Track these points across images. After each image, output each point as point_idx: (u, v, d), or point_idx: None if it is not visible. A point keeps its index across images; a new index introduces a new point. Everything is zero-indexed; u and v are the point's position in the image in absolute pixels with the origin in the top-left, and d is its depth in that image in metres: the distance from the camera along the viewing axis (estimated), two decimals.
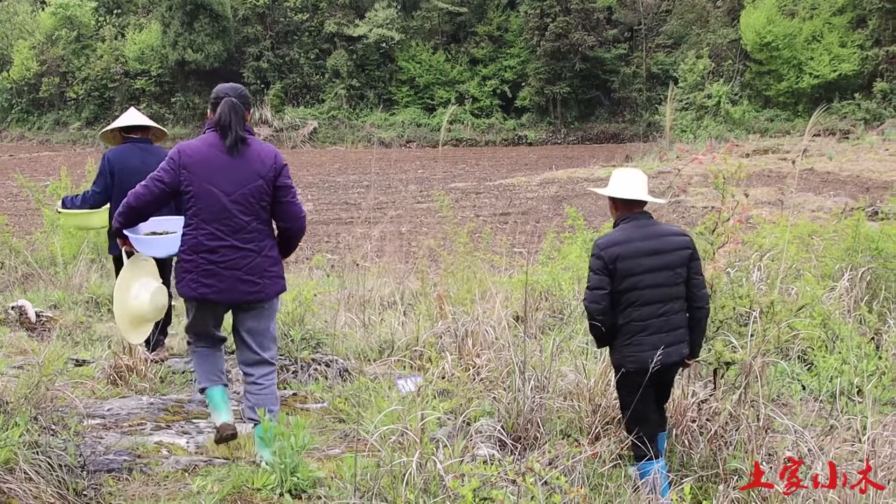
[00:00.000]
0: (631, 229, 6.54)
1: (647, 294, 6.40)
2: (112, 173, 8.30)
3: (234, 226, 6.36)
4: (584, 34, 61.36)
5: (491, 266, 11.82)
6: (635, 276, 6.38)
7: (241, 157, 6.42)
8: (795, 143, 45.69)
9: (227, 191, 6.32)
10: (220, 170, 6.35)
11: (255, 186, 6.41)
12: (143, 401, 7.72)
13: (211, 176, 6.32)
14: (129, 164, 8.28)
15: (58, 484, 5.42)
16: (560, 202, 29.30)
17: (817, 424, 6.78)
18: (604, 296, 6.39)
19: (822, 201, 26.42)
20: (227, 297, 6.41)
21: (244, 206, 6.38)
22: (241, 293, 6.42)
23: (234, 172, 6.38)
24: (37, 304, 12.83)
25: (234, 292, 6.40)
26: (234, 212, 6.35)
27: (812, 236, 11.97)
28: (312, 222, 27.93)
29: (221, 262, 6.33)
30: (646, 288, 6.39)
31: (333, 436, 7.19)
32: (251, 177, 6.41)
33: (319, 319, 10.21)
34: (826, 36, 57.65)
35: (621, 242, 6.45)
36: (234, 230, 6.35)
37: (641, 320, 6.39)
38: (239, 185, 6.36)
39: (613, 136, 62.12)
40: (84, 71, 67.96)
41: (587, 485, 5.64)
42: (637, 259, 6.39)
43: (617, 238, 6.51)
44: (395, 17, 66.12)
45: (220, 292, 6.37)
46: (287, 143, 61.81)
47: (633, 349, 6.39)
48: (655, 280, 6.41)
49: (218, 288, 6.35)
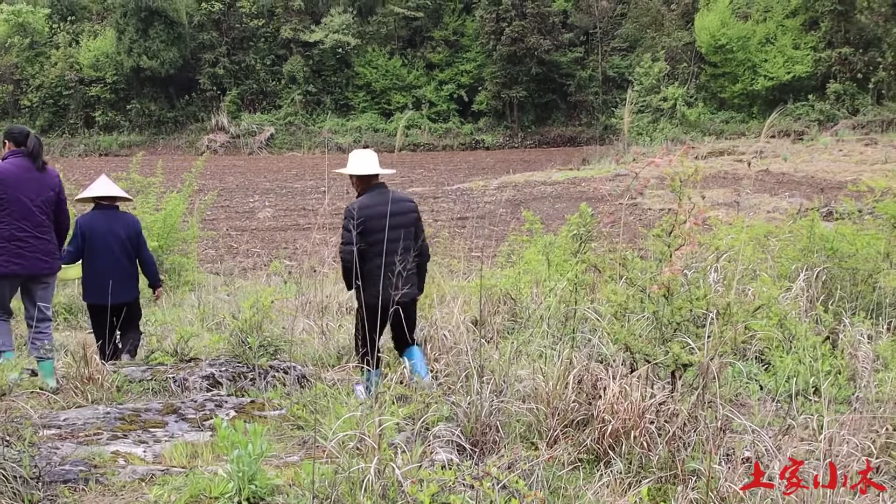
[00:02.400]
0: (374, 196, 8.48)
1: (388, 247, 7.99)
2: (83, 235, 10.05)
3: (36, 222, 8.90)
4: (539, 38, 61.67)
5: (449, 270, 11.82)
6: (379, 233, 8.08)
7: (42, 175, 9.02)
8: (751, 144, 46.11)
9: (31, 198, 8.84)
10: (27, 183, 8.86)
11: (49, 196, 9.02)
12: (100, 410, 7.65)
13: (21, 188, 8.80)
14: (96, 229, 10.08)
15: (13, 496, 5.37)
16: (517, 206, 29.34)
17: (775, 424, 6.81)
18: (351, 248, 8.16)
19: (777, 202, 26.62)
20: (31, 270, 8.92)
21: (42, 208, 8.95)
22: (39, 268, 8.97)
23: (37, 186, 8.94)
24: None
25: (35, 268, 8.94)
26: (36, 212, 8.89)
27: (768, 237, 12.03)
28: (270, 229, 27.88)
29: (27, 247, 8.83)
30: (388, 241, 8.00)
31: (292, 443, 7.16)
32: (47, 189, 9.03)
33: (277, 326, 10.18)
34: (779, 38, 58.30)
35: (369, 206, 8.33)
36: (35, 225, 8.89)
37: (384, 267, 8.01)
38: (40, 194, 8.92)
39: (570, 139, 62.51)
40: (38, 78, 67.42)
41: (546, 488, 5.64)
42: (380, 220, 8.13)
43: (365, 203, 8.38)
44: (351, 23, 66.20)
45: (26, 268, 8.89)
46: (244, 150, 61.72)
47: (376, 289, 8.13)
48: (394, 235, 8.18)
49: (24, 265, 8.86)
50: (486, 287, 8.70)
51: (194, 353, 9.98)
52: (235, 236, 26.60)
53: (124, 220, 10.20)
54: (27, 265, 8.85)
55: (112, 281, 9.68)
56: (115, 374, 8.67)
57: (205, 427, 7.38)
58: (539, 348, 7.87)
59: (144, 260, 10.41)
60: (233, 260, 21.62)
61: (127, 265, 10.05)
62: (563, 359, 7.00)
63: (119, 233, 10.03)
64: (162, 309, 12.48)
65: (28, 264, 8.85)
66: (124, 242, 10.09)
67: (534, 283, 10.74)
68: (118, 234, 10.01)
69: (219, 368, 8.99)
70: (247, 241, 25.28)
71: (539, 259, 11.29)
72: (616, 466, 6.11)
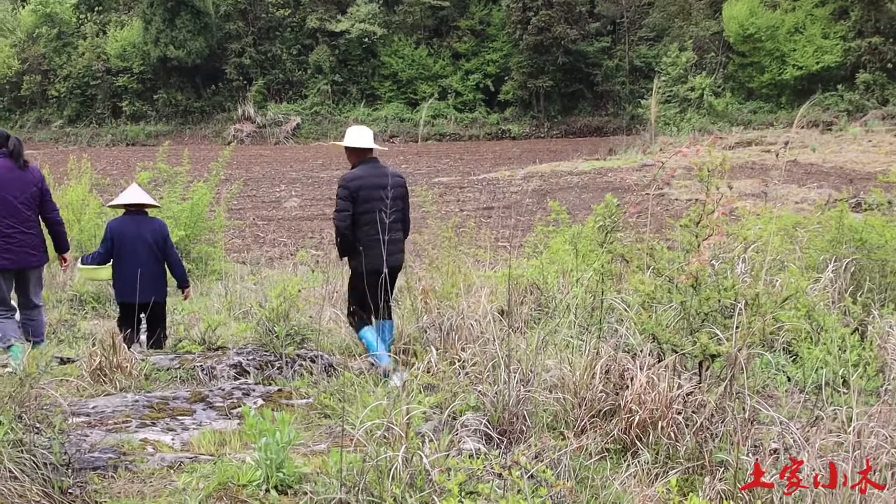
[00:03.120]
0: (367, 169, 9.15)
1: (377, 216, 8.68)
2: (112, 239, 10.34)
3: (22, 218, 9.44)
4: (566, 28, 61.41)
5: (475, 260, 11.82)
6: (371, 202, 8.83)
7: (24, 173, 9.53)
8: (779, 134, 45.81)
9: (16, 196, 9.38)
10: (11, 182, 9.39)
11: (32, 192, 9.56)
12: (128, 398, 7.69)
13: (6, 187, 9.33)
14: (125, 232, 10.36)
15: (43, 482, 5.40)
16: (543, 196, 29.31)
17: (803, 416, 6.78)
18: (347, 216, 8.95)
19: (805, 193, 26.50)
20: (20, 264, 9.52)
21: (27, 205, 9.50)
22: (28, 261, 9.58)
23: (21, 183, 9.47)
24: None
25: (24, 261, 9.54)
26: (22, 209, 9.43)
27: (796, 228, 11.95)
28: (296, 218, 27.94)
29: (15, 242, 9.39)
30: (378, 212, 8.68)
31: (319, 431, 7.17)
32: (30, 185, 9.56)
33: (304, 315, 10.20)
34: (808, 27, 57.87)
35: (361, 177, 9.02)
36: (21, 221, 9.44)
37: (375, 235, 8.72)
38: (24, 191, 9.46)
39: (596, 129, 62.26)
40: (66, 69, 67.67)
41: (573, 478, 5.63)
42: (370, 190, 8.89)
43: (358, 174, 9.07)
44: (378, 12, 66.12)
45: (16, 262, 9.48)
46: (270, 139, 61.81)
47: (369, 256, 8.84)
48: (380, 206, 8.70)
49: (14, 259, 9.45)
50: (512, 277, 8.68)
51: (222, 341, 10.03)
52: (262, 226, 26.69)
53: (152, 225, 10.52)
54: (17, 259, 9.50)
55: (140, 281, 9.95)
56: (144, 363, 8.73)
57: (232, 415, 7.41)
58: (566, 338, 7.86)
59: (172, 262, 10.67)
60: (259, 249, 21.69)
61: (153, 267, 10.31)
62: (590, 349, 6.99)
63: (146, 237, 10.32)
64: (189, 298, 12.53)
65: (17, 259, 9.50)
66: (151, 246, 10.36)
67: (560, 273, 10.73)
68: (146, 238, 10.31)
69: (246, 357, 9.02)
70: (273, 231, 25.36)
71: (566, 249, 11.27)
72: (643, 457, 6.10)
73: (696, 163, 7.40)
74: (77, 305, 14.24)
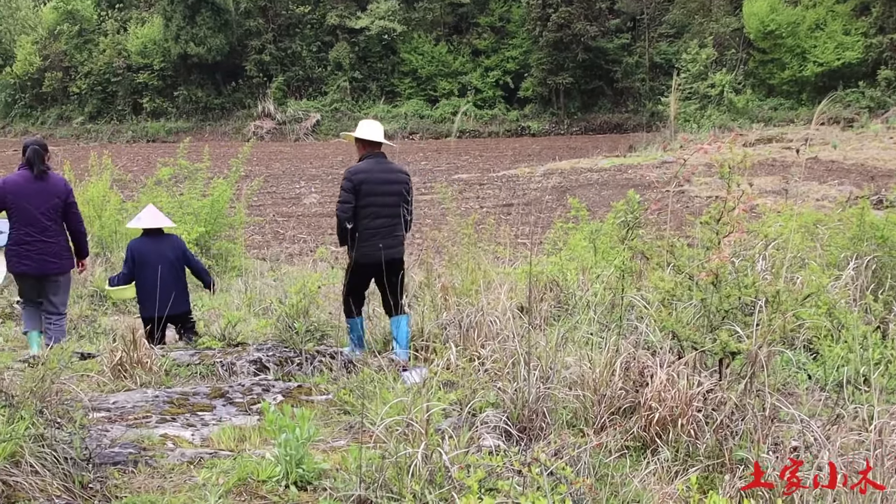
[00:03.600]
0: (373, 163, 9.51)
1: (380, 210, 9.34)
2: (133, 259, 10.54)
3: (41, 227, 9.83)
4: (586, 24, 61.39)
5: (495, 257, 11.81)
6: (373, 196, 9.30)
7: (45, 184, 9.91)
8: (799, 131, 45.62)
9: (36, 206, 9.79)
10: (30, 192, 9.82)
11: (55, 203, 9.93)
12: (149, 393, 7.72)
13: (24, 196, 9.78)
14: (144, 252, 10.53)
15: (63, 477, 5.41)
16: (563, 193, 29.28)
17: (823, 414, 6.76)
18: (350, 208, 9.28)
19: (826, 190, 26.39)
20: (39, 270, 9.97)
21: (48, 215, 9.88)
22: (48, 268, 10.01)
23: (41, 194, 9.85)
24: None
25: (43, 268, 9.98)
26: (42, 219, 9.83)
27: (817, 225, 11.91)
28: (316, 215, 27.98)
29: (34, 250, 9.85)
30: (380, 206, 9.33)
31: (338, 427, 7.18)
32: (52, 196, 9.92)
33: (324, 311, 10.22)
34: (829, 24, 57.64)
35: (366, 171, 9.40)
36: (40, 230, 9.83)
37: (374, 228, 9.32)
38: (45, 202, 9.85)
39: (616, 126, 62.18)
40: (87, 65, 68.06)
41: (593, 475, 5.63)
42: (374, 185, 9.32)
43: (362, 168, 9.43)
44: (397, 9, 66.24)
45: (35, 268, 9.95)
46: (290, 136, 61.94)
47: (367, 248, 9.26)
48: (385, 201, 9.36)
49: (33, 266, 9.93)
50: (532, 273, 8.67)
51: (241, 337, 10.06)
52: (281, 222, 26.74)
53: (170, 243, 10.78)
54: (35, 266, 9.95)
55: (164, 296, 10.15)
56: (164, 359, 8.75)
57: (252, 411, 7.42)
58: (585, 335, 7.85)
59: (196, 270, 10.92)
60: (279, 245, 21.74)
61: (174, 282, 10.52)
62: (610, 346, 6.97)
63: (167, 254, 10.57)
64: (209, 295, 12.56)
65: (36, 265, 9.95)
66: (172, 262, 10.58)
67: (580, 269, 10.71)
68: (167, 256, 10.54)
69: (266, 353, 9.04)
70: (293, 227, 25.41)
71: (585, 246, 11.27)
72: (663, 454, 6.08)
73: (717, 159, 7.38)
74: (97, 301, 14.29)
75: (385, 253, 9.10)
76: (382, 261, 9.01)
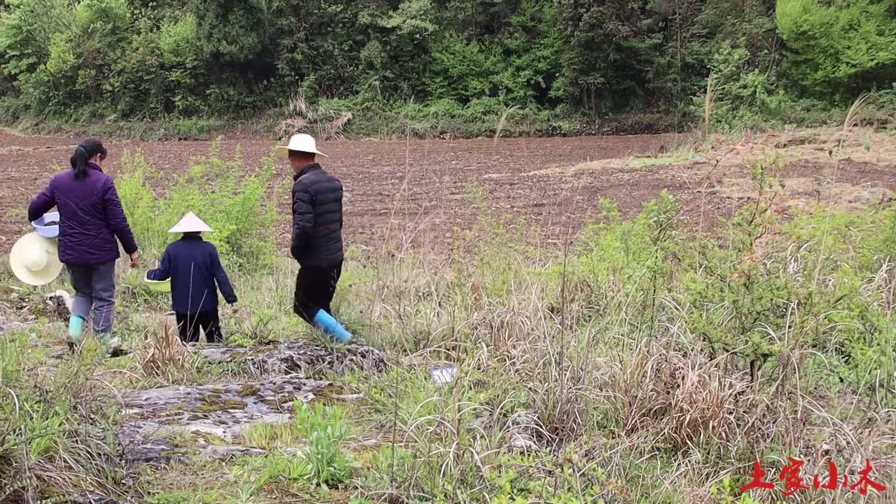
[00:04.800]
0: (318, 174, 10.15)
1: (330, 217, 10.07)
2: (169, 260, 11.07)
3: (81, 221, 10.49)
4: (618, 24, 61.20)
5: (525, 257, 11.81)
6: (325, 205, 9.96)
7: (84, 183, 10.53)
8: (832, 132, 45.29)
9: (76, 202, 10.45)
10: (72, 190, 10.51)
11: (93, 200, 10.50)
12: (180, 390, 7.77)
13: (67, 193, 10.50)
14: (180, 255, 11.02)
15: (97, 472, 5.45)
16: (594, 193, 29.22)
17: (855, 417, 6.73)
18: (311, 217, 9.78)
19: (859, 192, 26.20)
20: (80, 260, 10.63)
21: (87, 210, 10.49)
22: (87, 258, 10.63)
23: (81, 191, 10.49)
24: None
25: (84, 258, 10.61)
26: (80, 214, 10.48)
27: (849, 227, 11.85)
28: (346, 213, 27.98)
29: (75, 242, 10.53)
30: (330, 213, 10.06)
31: (369, 426, 7.20)
32: (91, 194, 10.49)
33: (355, 310, 10.25)
34: (863, 24, 57.25)
35: (317, 182, 9.99)
36: (81, 224, 10.50)
37: (328, 234, 10.03)
38: (84, 199, 10.47)
39: (648, 126, 61.96)
40: (120, 63, 68.42)
41: (624, 476, 5.62)
42: (325, 194, 9.98)
43: (313, 179, 9.99)
44: (429, 8, 66.19)
45: (77, 258, 10.63)
46: (321, 135, 61.97)
47: (326, 252, 10.02)
48: (332, 208, 10.10)
49: (74, 255, 10.61)
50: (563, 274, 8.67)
51: (272, 335, 10.12)
52: None
53: (203, 249, 11.17)
54: (76, 256, 10.63)
55: (192, 295, 10.64)
56: (196, 356, 8.80)
57: (283, 409, 7.46)
58: (617, 336, 7.84)
59: (219, 280, 11.16)
60: None
61: (203, 284, 10.89)
62: (641, 347, 6.97)
63: (198, 259, 10.94)
64: (240, 292, 12.61)
65: (77, 255, 10.63)
66: (201, 266, 10.94)
67: (611, 270, 10.70)
68: (197, 260, 10.91)
69: (297, 351, 9.08)
70: None
71: (616, 247, 11.24)
72: (694, 456, 6.07)
73: (750, 160, 7.35)
74: (130, 298, 14.37)
75: (336, 256, 10.20)
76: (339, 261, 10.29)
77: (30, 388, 5.72)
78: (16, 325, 11.54)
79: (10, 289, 14.32)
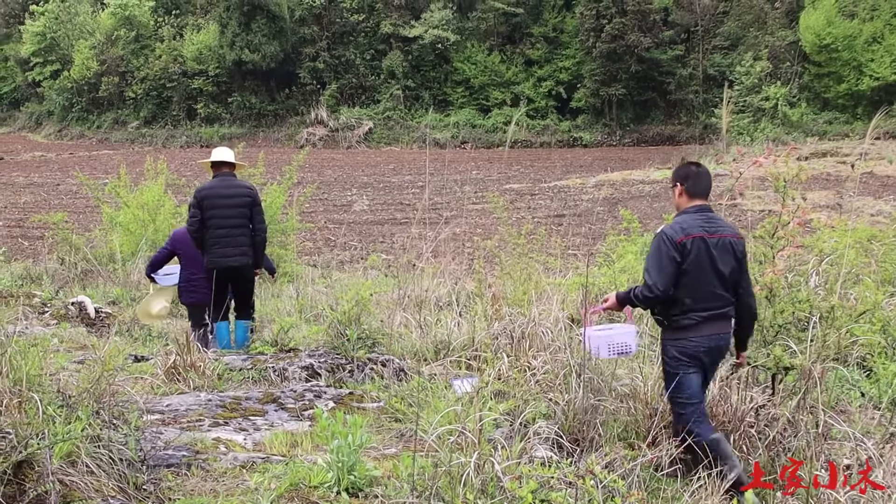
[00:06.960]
0: (217, 181, 10.84)
1: (222, 221, 10.63)
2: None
3: None
4: (640, 35, 61.07)
5: (546, 268, 11.80)
6: (214, 210, 10.61)
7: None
8: (854, 146, 45.11)
9: None
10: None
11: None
12: (202, 397, 7.79)
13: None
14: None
15: (118, 478, 5.48)
16: (615, 204, 29.20)
17: (877, 432, 6.71)
18: (196, 221, 10.59)
19: (881, 205, 26.10)
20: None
21: None
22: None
23: None
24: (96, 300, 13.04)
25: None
26: None
27: (871, 241, 11.81)
28: (367, 222, 28.06)
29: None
30: (221, 217, 10.62)
31: (390, 435, 7.21)
32: None
33: (375, 319, 10.26)
34: (887, 37, 56.96)
35: (210, 188, 10.79)
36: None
37: (220, 238, 10.62)
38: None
39: (669, 138, 61.77)
40: (143, 70, 68.64)
41: (644, 489, 5.62)
42: (215, 199, 10.67)
43: (207, 186, 10.85)
44: (451, 18, 66.19)
45: None
46: (342, 143, 62.07)
47: (213, 255, 10.63)
48: (226, 213, 10.65)
49: None
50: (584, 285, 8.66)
51: (293, 343, 10.12)
52: (333, 229, 26.85)
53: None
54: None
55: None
56: (217, 363, 8.83)
57: (304, 417, 7.48)
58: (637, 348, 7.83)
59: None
60: (330, 252, 21.81)
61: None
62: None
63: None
64: (261, 299, 12.64)
65: None
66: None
67: (632, 281, 10.68)
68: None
69: (317, 359, 9.09)
70: (344, 234, 25.50)
71: (638, 258, 11.23)
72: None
73: (772, 173, 7.35)
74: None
75: (230, 259, 10.70)
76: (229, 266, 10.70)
77: (52, 393, 5.76)
78: (38, 330, 11.56)
79: (32, 294, 14.39)
